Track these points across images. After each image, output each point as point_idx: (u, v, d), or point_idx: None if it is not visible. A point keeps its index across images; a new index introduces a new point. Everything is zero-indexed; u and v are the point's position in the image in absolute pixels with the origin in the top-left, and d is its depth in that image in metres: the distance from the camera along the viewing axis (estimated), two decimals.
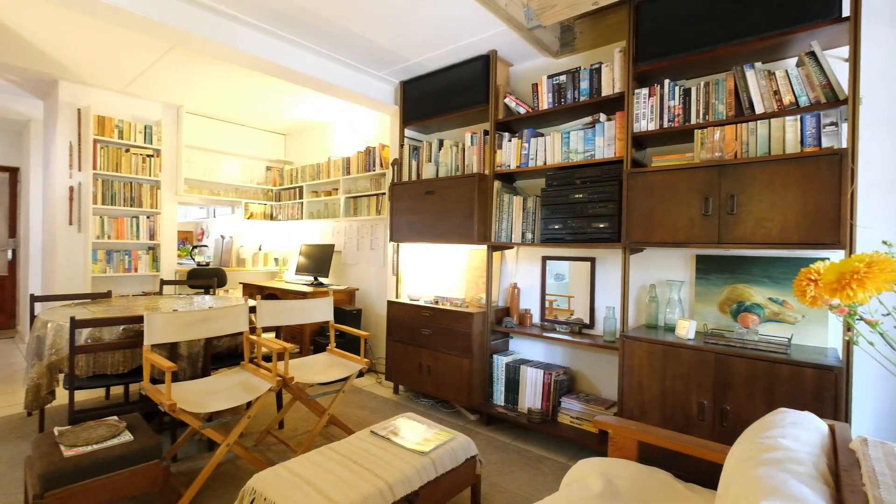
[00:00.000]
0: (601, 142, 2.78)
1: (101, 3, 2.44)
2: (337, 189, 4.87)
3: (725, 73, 2.35)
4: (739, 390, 2.11)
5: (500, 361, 3.25)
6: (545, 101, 3.08)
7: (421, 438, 2.10)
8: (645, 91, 2.57)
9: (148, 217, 4.59)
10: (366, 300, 4.74)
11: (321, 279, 4.87)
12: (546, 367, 3.11)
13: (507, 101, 3.30)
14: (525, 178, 3.44)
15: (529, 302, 3.44)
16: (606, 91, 2.77)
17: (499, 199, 3.32)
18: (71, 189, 4.26)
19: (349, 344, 4.24)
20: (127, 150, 4.44)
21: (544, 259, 3.33)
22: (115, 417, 2.18)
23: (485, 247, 3.48)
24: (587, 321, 3.06)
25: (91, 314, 2.80)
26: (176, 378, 2.76)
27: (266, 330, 3.00)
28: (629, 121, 2.60)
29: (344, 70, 3.69)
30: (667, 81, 2.50)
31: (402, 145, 3.99)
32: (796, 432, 1.16)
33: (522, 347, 3.48)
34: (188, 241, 6.35)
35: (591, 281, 3.07)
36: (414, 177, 3.89)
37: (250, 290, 4.96)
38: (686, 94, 2.44)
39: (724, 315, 2.51)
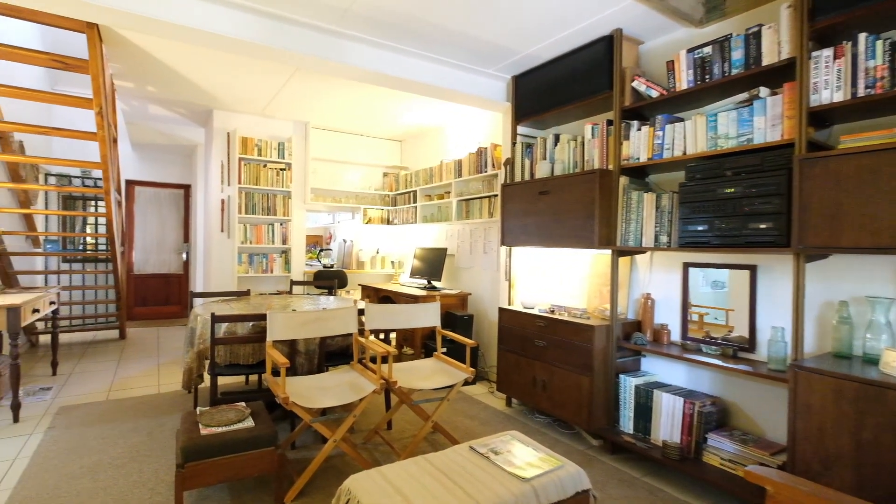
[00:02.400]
0: (761, 122, 2.24)
1: (229, 38, 2.74)
2: (449, 192, 4.79)
3: None
4: None
5: (629, 383, 2.84)
6: (684, 80, 2.60)
7: (524, 462, 1.84)
8: (828, 52, 1.99)
9: (281, 224, 5.02)
10: (478, 305, 4.59)
11: (434, 283, 4.83)
12: (688, 394, 2.63)
13: (635, 84, 2.88)
14: (658, 171, 2.97)
15: (666, 316, 2.96)
16: (769, 59, 2.22)
17: (625, 197, 2.90)
18: (222, 201, 4.81)
19: (459, 350, 4.12)
20: (264, 166, 4.89)
21: (686, 266, 2.83)
22: (243, 404, 2.41)
23: (608, 252, 3.08)
24: (745, 342, 2.51)
25: (231, 311, 3.11)
26: (295, 372, 2.95)
27: (377, 332, 3.02)
28: (803, 92, 2.04)
29: (453, 72, 3.58)
30: (863, 36, 1.90)
31: (514, 143, 3.75)
32: None
33: (657, 368, 3.01)
34: (318, 244, 6.83)
35: (750, 294, 2.51)
36: (527, 176, 3.63)
37: (368, 291, 5.12)
38: (894, 49, 1.83)
39: None
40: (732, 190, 2.28)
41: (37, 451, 2.62)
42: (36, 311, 3.33)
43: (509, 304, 3.81)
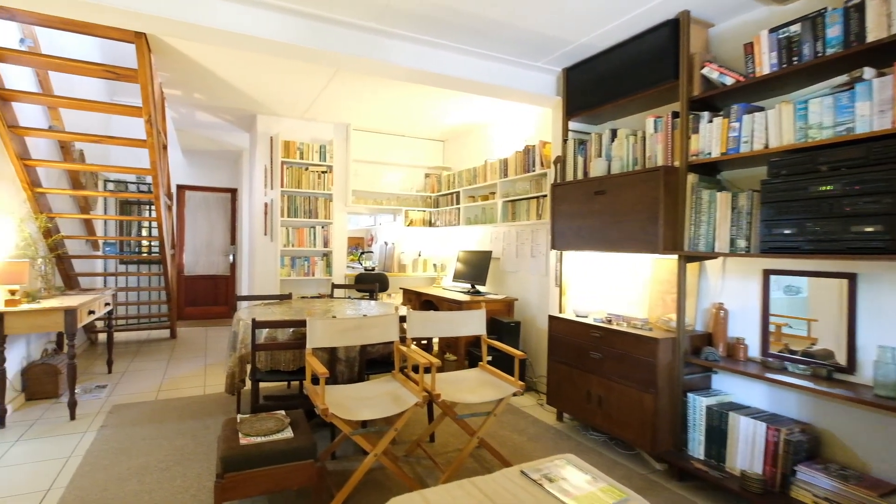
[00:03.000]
0: (865, 108, 1.93)
1: (271, 41, 2.70)
2: (494, 193, 4.61)
3: None
4: None
5: (699, 403, 2.57)
6: (765, 64, 2.31)
7: (582, 492, 1.63)
8: None
9: (322, 227, 5.00)
10: (526, 312, 4.37)
11: (478, 287, 4.65)
12: (771, 418, 2.33)
13: (705, 71, 2.60)
14: (734, 167, 2.67)
15: (742, 328, 2.66)
16: (876, 34, 1.91)
17: (694, 196, 2.63)
18: (266, 205, 4.84)
19: (505, 359, 3.92)
20: (306, 169, 4.89)
21: (766, 274, 2.52)
22: (283, 412, 2.34)
23: (674, 257, 2.81)
24: (842, 361, 2.19)
25: (273, 315, 3.08)
26: (335, 380, 2.87)
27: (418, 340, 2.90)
28: None
29: (499, 66, 3.41)
30: None
31: (565, 140, 3.52)
32: None
33: (732, 387, 2.71)
34: (360, 246, 6.81)
35: (849, 307, 2.18)
36: (580, 175, 3.39)
37: (409, 295, 5.01)
38: None
39: None
40: (829, 187, 1.98)
41: (89, 450, 2.67)
42: (91, 312, 3.41)
43: (560, 312, 3.58)
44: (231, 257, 7.36)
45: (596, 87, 3.28)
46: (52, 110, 3.77)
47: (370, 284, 4.36)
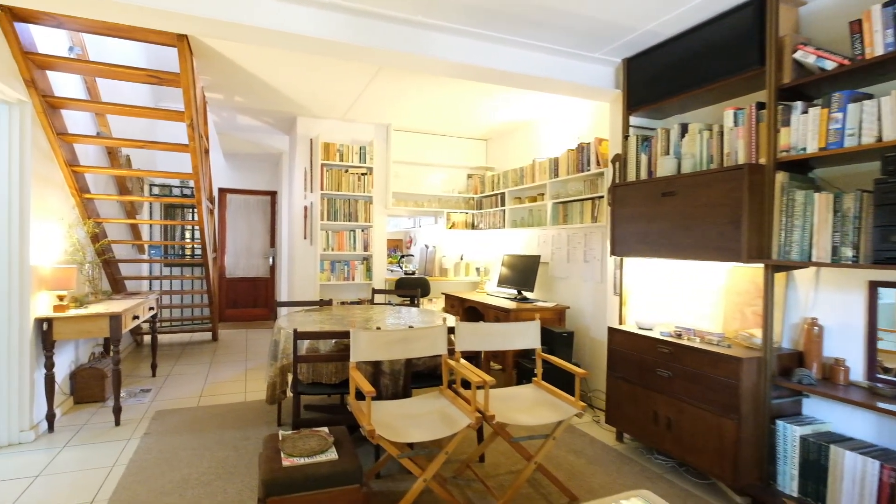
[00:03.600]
0: None
1: (313, 38, 2.59)
2: (543, 194, 4.36)
3: None
4: None
5: (791, 432, 2.26)
6: (878, 45, 1.99)
7: None
8: None
9: (362, 230, 4.88)
10: (578, 321, 4.10)
11: (525, 293, 4.42)
12: (883, 455, 2.00)
13: (798, 55, 2.29)
14: (831, 164, 2.35)
15: (841, 347, 2.33)
16: None
17: (785, 198, 2.32)
18: (305, 208, 4.76)
19: (556, 371, 3.66)
20: (346, 171, 4.78)
21: (874, 286, 2.19)
22: (326, 430, 2.23)
23: (760, 266, 2.50)
24: None
25: (313, 323, 2.99)
26: (379, 394, 2.74)
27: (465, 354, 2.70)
28: None
29: (552, 59, 3.17)
30: None
31: (626, 137, 3.24)
32: None
33: (828, 414, 2.38)
34: (398, 248, 6.68)
35: None
36: (644, 175, 3.11)
37: (452, 301, 4.82)
38: None
39: None
40: None
41: (132, 459, 2.62)
42: (136, 317, 3.38)
43: (620, 324, 3.31)
44: (270, 260, 7.38)
45: (662, 78, 3.00)
46: (99, 117, 3.79)
47: (412, 290, 4.19)
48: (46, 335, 2.81)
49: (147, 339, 5.27)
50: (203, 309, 6.46)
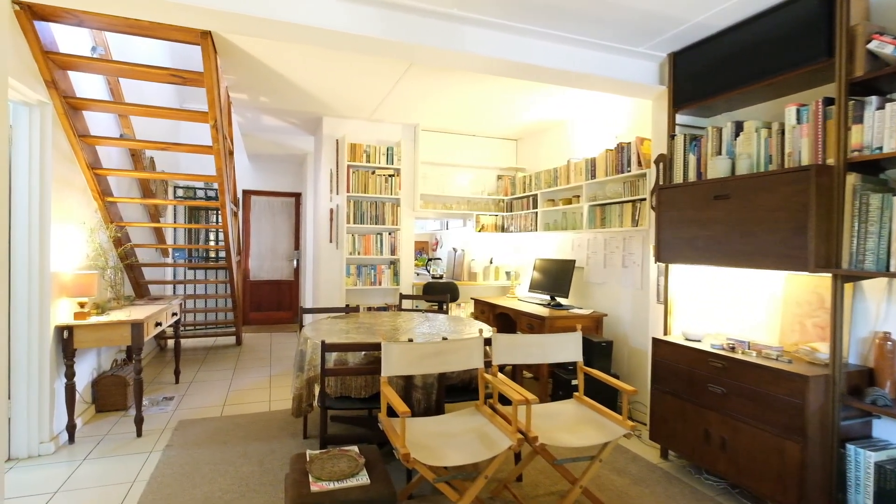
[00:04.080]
0: None
1: (343, 33, 2.46)
2: (578, 196, 4.16)
3: None
4: None
5: (864, 458, 2.04)
6: None
7: None
8: None
9: (389, 233, 4.74)
10: (616, 329, 3.90)
11: (559, 299, 4.22)
12: None
13: (872, 45, 2.07)
14: None
15: None
16: None
17: (857, 202, 2.09)
18: (331, 211, 4.64)
19: (593, 383, 3.47)
20: (373, 173, 4.65)
21: None
22: (356, 449, 2.10)
23: (824, 275, 2.28)
24: None
25: (340, 332, 2.87)
26: (411, 409, 2.58)
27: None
28: None
29: (591, 54, 2.99)
30: None
31: (672, 136, 3.04)
32: None
33: None
34: (424, 251, 6.54)
35: None
36: (692, 176, 2.90)
37: (482, 306, 4.64)
38: None
39: None
40: None
41: (154, 474, 2.52)
42: (158, 324, 3.30)
43: (665, 334, 3.10)
44: (295, 262, 7.32)
45: (712, 73, 2.79)
46: (122, 118, 3.73)
47: (440, 296, 4.05)
48: (67, 343, 2.73)
49: (170, 343, 5.23)
50: (227, 313, 6.44)
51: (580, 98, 4.03)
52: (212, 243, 6.95)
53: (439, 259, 5.60)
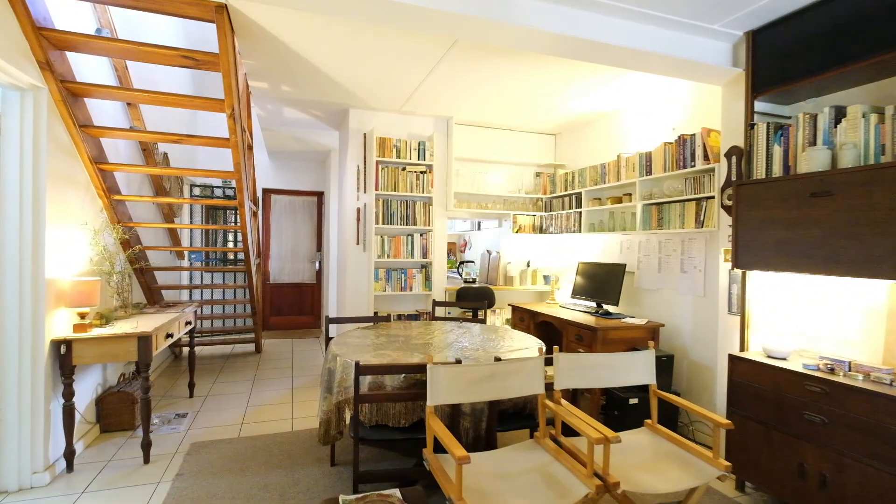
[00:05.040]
0: None
1: (388, 2, 2.11)
2: (630, 194, 3.73)
3: None
4: None
5: None
6: None
7: None
8: None
9: (421, 235, 4.37)
10: (673, 340, 3.48)
11: (607, 306, 3.82)
12: None
13: None
14: None
15: None
16: None
17: None
18: (358, 210, 4.30)
19: (647, 404, 3.03)
20: (403, 169, 4.29)
21: None
22: (399, 495, 1.73)
23: None
24: None
25: (373, 347, 2.55)
26: (458, 440, 2.21)
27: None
28: None
29: (657, 31, 2.63)
30: None
31: (751, 125, 2.61)
32: None
33: None
34: (452, 252, 6.17)
35: None
36: (777, 170, 2.47)
37: (520, 313, 4.24)
38: None
39: None
40: None
41: None
42: (169, 335, 2.99)
43: (743, 350, 2.68)
44: (317, 264, 7.02)
45: (802, 51, 2.40)
46: (132, 109, 3.45)
47: (478, 302, 3.70)
48: (65, 360, 2.42)
49: (186, 350, 4.97)
50: (246, 319, 6.17)
51: (632, 87, 3.60)
52: (230, 245, 6.70)
53: (471, 262, 5.21)
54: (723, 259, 2.89)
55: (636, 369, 2.26)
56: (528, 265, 4.89)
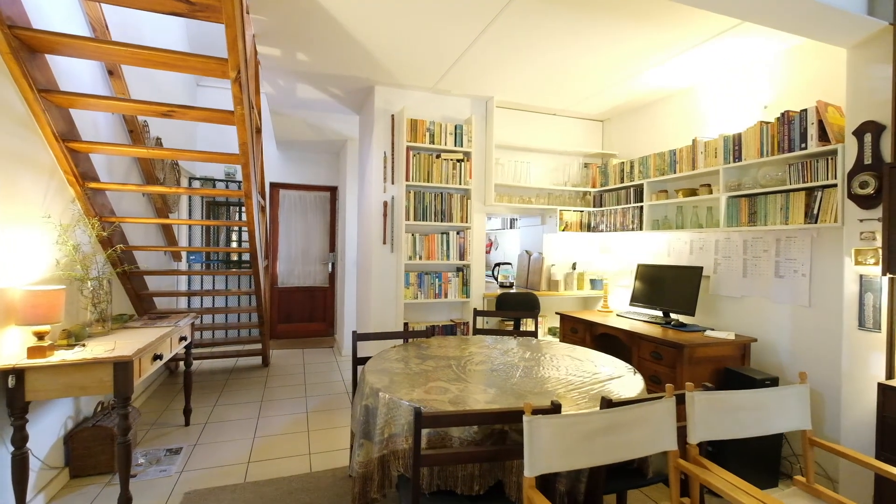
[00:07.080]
0: None
1: None
2: (708, 185, 3.13)
3: None
4: None
5: None
6: None
7: None
8: None
9: (458, 233, 3.76)
10: (767, 358, 2.89)
11: (677, 316, 3.23)
12: None
13: None
14: None
15: None
16: None
17: None
18: (385, 204, 3.68)
19: (736, 444, 2.45)
20: (438, 157, 3.68)
21: None
22: None
23: None
24: None
25: (419, 371, 1.96)
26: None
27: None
28: None
29: None
30: None
31: None
32: None
33: None
34: None
35: None
36: None
37: (571, 323, 3.63)
38: None
39: None
40: None
41: None
42: (158, 357, 2.41)
43: (891, 378, 2.08)
44: (330, 266, 6.43)
45: None
46: (115, 80, 2.87)
47: (528, 311, 3.12)
48: (14, 395, 1.83)
49: (182, 364, 4.38)
50: (251, 330, 5.60)
51: (712, 59, 3.02)
52: (234, 245, 6.13)
53: (508, 264, 4.61)
54: (852, 262, 2.29)
55: (786, 411, 1.67)
56: (573, 267, 4.28)
